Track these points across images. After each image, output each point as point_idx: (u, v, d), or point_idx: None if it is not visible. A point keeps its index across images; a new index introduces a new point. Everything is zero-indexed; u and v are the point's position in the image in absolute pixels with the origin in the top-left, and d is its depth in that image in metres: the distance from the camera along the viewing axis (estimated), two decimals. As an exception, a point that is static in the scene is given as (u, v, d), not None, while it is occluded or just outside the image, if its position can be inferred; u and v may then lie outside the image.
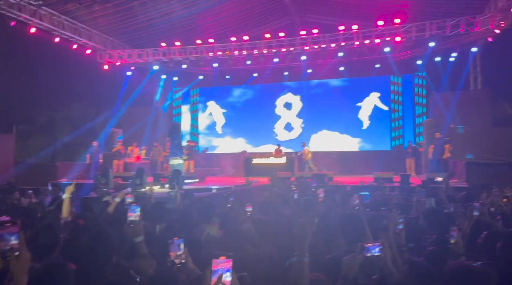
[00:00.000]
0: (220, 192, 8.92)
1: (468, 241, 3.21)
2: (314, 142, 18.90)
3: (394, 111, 18.47)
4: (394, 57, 16.79)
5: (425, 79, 17.97)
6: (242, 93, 20.39)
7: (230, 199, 3.87)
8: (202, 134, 20.77)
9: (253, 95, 20.29)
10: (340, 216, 3.13)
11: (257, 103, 20.21)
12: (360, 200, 3.49)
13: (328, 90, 19.32)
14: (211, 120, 20.84)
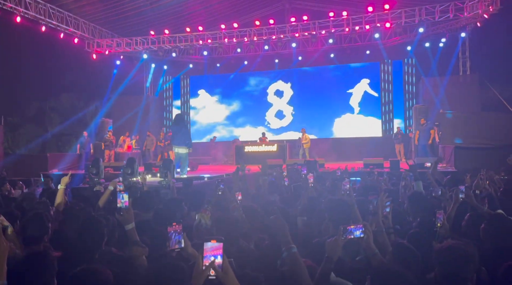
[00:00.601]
0: (211, 180, 8.95)
1: (452, 224, 3.29)
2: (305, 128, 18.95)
3: (384, 97, 18.58)
4: (384, 43, 16.81)
5: (414, 65, 18.06)
6: (232, 81, 20.28)
7: (220, 186, 3.91)
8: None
9: (244, 83, 20.21)
10: (327, 201, 3.18)
11: (247, 91, 20.16)
12: (350, 185, 3.54)
13: (318, 77, 19.31)
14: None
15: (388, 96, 18.56)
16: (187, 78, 21.06)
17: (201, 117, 20.68)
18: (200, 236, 3.08)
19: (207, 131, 20.18)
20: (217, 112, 20.59)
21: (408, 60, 18.15)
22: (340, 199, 3.29)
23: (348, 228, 2.24)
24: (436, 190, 4.40)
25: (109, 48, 17.41)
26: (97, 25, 16.88)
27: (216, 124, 20.44)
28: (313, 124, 18.95)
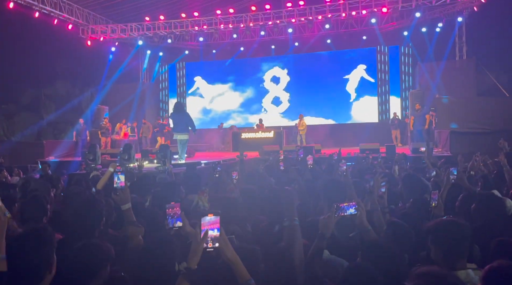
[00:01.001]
0: (208, 166, 8.98)
1: (445, 204, 3.34)
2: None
3: (381, 82, 18.57)
4: (381, 28, 16.72)
5: (411, 50, 18.02)
6: (228, 67, 20.18)
7: (218, 169, 3.94)
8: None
9: (240, 69, 20.10)
10: (323, 181, 3.22)
11: (244, 77, 20.08)
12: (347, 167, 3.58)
13: (315, 63, 19.24)
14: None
15: (385, 81, 18.55)
16: (183, 64, 20.93)
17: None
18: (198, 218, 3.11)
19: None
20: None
21: (405, 45, 18.09)
22: (336, 179, 3.33)
23: (341, 205, 2.28)
24: (431, 171, 4.46)
25: (103, 34, 17.24)
26: (91, 11, 16.70)
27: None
28: (310, 111, 18.95)
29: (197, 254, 1.72)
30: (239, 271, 1.73)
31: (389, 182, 3.31)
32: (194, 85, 20.82)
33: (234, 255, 1.74)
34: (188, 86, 20.93)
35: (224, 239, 1.74)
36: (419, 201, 3.24)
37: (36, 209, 2.73)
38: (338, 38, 17.71)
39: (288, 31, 16.95)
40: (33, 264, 1.72)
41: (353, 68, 18.77)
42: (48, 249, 1.76)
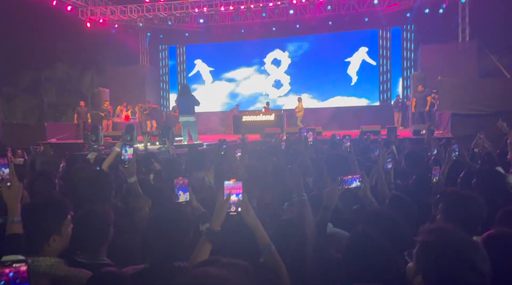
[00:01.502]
0: (210, 148, 9.01)
1: (447, 181, 3.38)
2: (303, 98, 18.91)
3: (383, 65, 18.45)
4: (383, 10, 16.53)
5: (413, 32, 17.86)
6: (230, 49, 20.02)
7: (223, 146, 3.97)
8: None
9: (241, 51, 19.93)
10: (327, 156, 3.25)
11: (245, 60, 19.95)
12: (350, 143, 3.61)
13: (316, 45, 19.10)
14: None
15: (387, 63, 18.43)
16: (183, 47, 20.77)
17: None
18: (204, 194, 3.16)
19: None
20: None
21: (407, 27, 17.92)
22: (339, 153, 3.36)
23: (345, 178, 2.31)
24: (432, 150, 4.49)
25: (103, 16, 17.07)
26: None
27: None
28: (311, 93, 18.91)
29: (220, 217, 1.77)
30: (260, 236, 1.77)
31: (394, 158, 3.34)
32: (194, 68, 20.69)
33: (254, 221, 1.78)
34: (188, 67, 20.80)
35: (245, 204, 1.78)
36: (422, 177, 3.28)
37: (45, 183, 2.78)
38: (339, 19, 17.50)
39: (289, 12, 16.76)
40: (40, 230, 1.80)
41: (355, 50, 18.63)
42: (58, 217, 1.83)
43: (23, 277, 0.93)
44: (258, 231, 1.77)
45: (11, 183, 1.81)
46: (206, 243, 1.77)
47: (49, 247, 1.81)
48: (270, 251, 1.75)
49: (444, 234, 1.37)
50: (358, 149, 5.35)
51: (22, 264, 0.94)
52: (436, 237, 1.36)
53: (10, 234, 1.74)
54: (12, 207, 1.80)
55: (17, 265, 0.93)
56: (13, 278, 0.92)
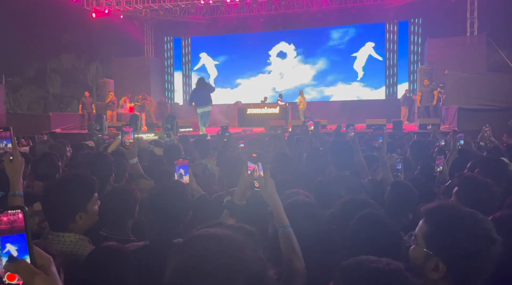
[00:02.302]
0: (214, 139, 8.99)
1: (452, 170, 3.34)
2: (308, 91, 18.84)
3: (389, 58, 18.30)
4: (390, 2, 16.35)
5: (421, 25, 17.67)
6: (235, 42, 19.92)
7: (226, 133, 3.95)
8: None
9: (247, 44, 19.82)
10: (331, 143, 3.21)
11: (251, 52, 19.85)
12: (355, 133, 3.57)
13: (323, 38, 18.97)
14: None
15: (393, 57, 18.27)
16: (188, 39, 20.69)
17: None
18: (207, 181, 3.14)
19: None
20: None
21: (415, 20, 17.72)
22: (343, 140, 3.33)
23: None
24: (440, 141, 4.45)
25: (108, 6, 17.02)
26: (96, -18, 16.45)
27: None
28: (317, 86, 18.81)
29: (242, 191, 1.76)
30: (277, 214, 1.67)
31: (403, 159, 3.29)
32: (199, 61, 20.61)
33: (271, 197, 1.68)
34: (193, 60, 20.74)
35: (265, 179, 1.70)
36: (427, 167, 3.24)
37: (48, 166, 2.78)
38: (346, 12, 17.35)
39: (295, 4, 16.63)
40: (66, 207, 1.80)
41: (361, 43, 18.48)
42: (84, 194, 1.82)
43: (20, 226, 0.85)
44: (276, 208, 1.68)
45: (13, 157, 1.81)
46: (228, 217, 1.73)
47: (75, 225, 1.80)
48: (286, 233, 1.63)
49: (454, 210, 1.33)
50: (363, 140, 5.31)
51: (17, 211, 0.86)
52: (448, 214, 1.31)
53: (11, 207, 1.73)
54: (14, 180, 1.81)
55: (12, 212, 0.86)
56: (8, 225, 0.84)
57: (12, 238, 0.84)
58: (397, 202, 2.41)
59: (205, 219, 1.71)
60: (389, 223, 1.57)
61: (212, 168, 3.34)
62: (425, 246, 1.30)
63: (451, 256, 1.25)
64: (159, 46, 20.51)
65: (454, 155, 3.49)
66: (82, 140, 10.83)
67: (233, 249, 0.89)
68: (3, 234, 0.84)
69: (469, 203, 1.94)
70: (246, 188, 1.75)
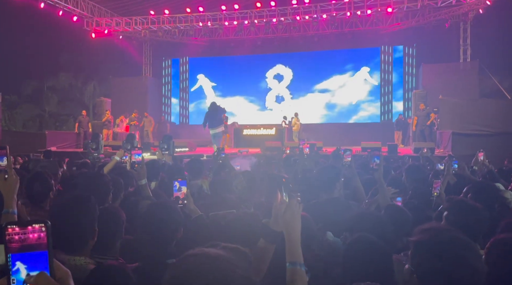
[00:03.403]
0: (210, 159, 9.00)
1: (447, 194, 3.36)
2: (304, 113, 18.97)
3: (384, 82, 18.56)
4: (385, 28, 16.72)
5: (415, 51, 18.02)
6: (233, 64, 20.17)
7: (221, 155, 3.97)
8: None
9: (244, 66, 20.07)
10: (319, 167, 3.25)
11: (248, 74, 20.07)
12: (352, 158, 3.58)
13: (319, 61, 19.24)
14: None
15: (388, 81, 18.54)
16: (186, 59, 20.93)
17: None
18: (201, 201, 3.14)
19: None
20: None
21: (409, 46, 18.09)
22: (331, 165, 3.37)
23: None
24: (437, 165, 4.50)
25: (108, 27, 17.26)
26: (97, 4, 16.72)
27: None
28: (313, 109, 18.97)
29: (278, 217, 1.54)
30: (291, 248, 1.45)
31: (404, 198, 3.30)
32: (197, 83, 20.80)
33: (290, 226, 1.48)
34: (191, 80, 20.93)
35: (287, 206, 1.53)
36: (421, 191, 3.27)
37: (41, 184, 2.77)
38: (342, 37, 17.69)
39: (292, 28, 16.95)
40: (79, 230, 1.77)
41: (356, 67, 18.77)
42: (92, 216, 1.80)
43: (42, 242, 0.83)
44: (291, 241, 1.45)
45: (8, 175, 1.81)
46: (268, 245, 1.54)
47: (86, 248, 1.79)
48: (296, 269, 1.40)
49: (437, 232, 1.36)
50: (359, 164, 5.34)
51: (40, 224, 0.84)
52: (429, 235, 1.34)
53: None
54: (8, 198, 1.81)
55: (36, 226, 0.83)
56: (29, 241, 0.83)
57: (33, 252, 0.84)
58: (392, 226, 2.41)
59: (202, 240, 1.70)
60: (382, 246, 1.58)
61: (207, 188, 3.35)
62: (409, 263, 1.35)
63: (427, 276, 1.28)
64: (157, 67, 20.72)
65: (448, 179, 3.52)
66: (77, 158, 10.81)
67: (223, 268, 0.91)
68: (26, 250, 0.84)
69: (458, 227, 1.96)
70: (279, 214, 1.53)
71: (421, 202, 3.10)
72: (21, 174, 3.47)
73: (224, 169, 3.72)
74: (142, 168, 2.71)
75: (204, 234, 2.06)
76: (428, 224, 1.48)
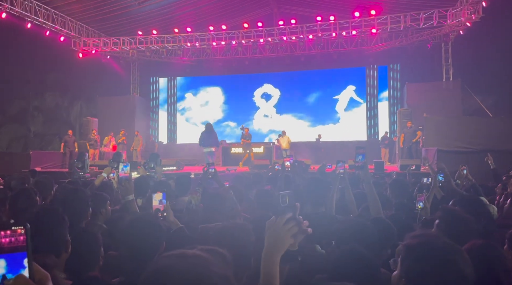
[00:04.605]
0: (197, 177, 8.96)
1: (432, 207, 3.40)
2: (292, 132, 19.07)
3: (370, 101, 18.87)
4: (370, 49, 17.10)
5: (399, 71, 18.43)
6: (220, 83, 20.34)
7: (210, 170, 3.96)
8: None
9: (232, 85, 20.26)
10: (308, 180, 3.27)
11: (235, 94, 20.23)
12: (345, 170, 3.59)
13: (305, 81, 19.52)
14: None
15: (374, 100, 18.86)
16: (174, 79, 21.03)
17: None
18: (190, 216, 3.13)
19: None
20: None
21: (394, 65, 18.50)
22: (318, 177, 3.39)
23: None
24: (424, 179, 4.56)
25: (95, 47, 17.29)
26: (84, 24, 16.79)
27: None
28: (299, 128, 19.11)
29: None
30: (266, 277, 1.27)
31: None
32: (184, 101, 20.88)
33: (269, 253, 1.28)
34: (179, 99, 20.99)
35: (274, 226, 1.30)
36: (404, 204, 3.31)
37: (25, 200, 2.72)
38: (328, 57, 18.02)
39: (279, 48, 17.22)
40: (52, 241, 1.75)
41: (342, 87, 19.08)
42: (61, 226, 1.78)
43: (20, 245, 0.84)
44: (265, 259, 1.26)
45: None
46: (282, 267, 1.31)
47: (61, 260, 1.76)
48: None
49: (428, 237, 1.37)
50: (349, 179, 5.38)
51: (19, 227, 0.84)
52: (420, 239, 1.35)
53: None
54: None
55: (15, 228, 0.83)
56: (7, 243, 0.83)
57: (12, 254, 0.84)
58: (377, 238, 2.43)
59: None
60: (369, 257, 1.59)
61: (196, 204, 3.34)
62: (399, 268, 1.36)
63: (415, 281, 1.30)
64: (145, 86, 20.75)
65: (434, 192, 3.57)
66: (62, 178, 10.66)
67: (197, 265, 0.89)
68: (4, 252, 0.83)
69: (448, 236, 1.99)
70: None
71: (406, 216, 3.13)
72: (3, 192, 3.43)
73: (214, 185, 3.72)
74: (129, 183, 2.70)
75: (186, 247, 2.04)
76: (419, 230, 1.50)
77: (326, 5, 16.62)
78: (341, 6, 16.09)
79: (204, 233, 2.05)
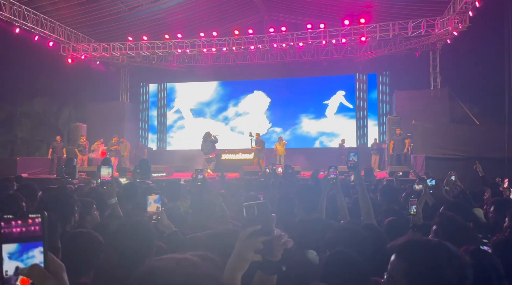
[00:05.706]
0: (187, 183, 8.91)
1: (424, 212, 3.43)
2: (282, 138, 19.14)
3: (359, 108, 19.03)
4: (359, 56, 17.29)
5: (388, 78, 18.63)
6: (210, 89, 20.35)
7: (199, 176, 3.94)
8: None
9: (222, 91, 20.29)
10: (298, 187, 3.27)
11: (225, 100, 20.25)
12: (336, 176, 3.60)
13: (295, 87, 19.63)
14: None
15: (363, 107, 19.03)
16: (164, 85, 20.98)
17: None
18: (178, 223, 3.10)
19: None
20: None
21: (382, 73, 18.71)
22: (308, 184, 3.40)
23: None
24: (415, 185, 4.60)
25: (85, 52, 17.18)
26: (74, 29, 16.68)
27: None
28: (289, 134, 19.17)
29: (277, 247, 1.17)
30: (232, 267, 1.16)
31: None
32: (174, 107, 20.83)
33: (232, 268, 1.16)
34: (169, 105, 20.93)
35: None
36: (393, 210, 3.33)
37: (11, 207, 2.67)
38: (318, 65, 18.16)
39: (270, 55, 17.31)
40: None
41: (332, 94, 19.22)
42: (54, 233, 1.75)
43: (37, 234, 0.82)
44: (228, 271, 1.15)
45: None
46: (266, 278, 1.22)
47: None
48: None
49: (426, 240, 1.37)
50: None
51: (36, 216, 0.83)
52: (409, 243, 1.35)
53: None
54: None
55: (32, 216, 0.82)
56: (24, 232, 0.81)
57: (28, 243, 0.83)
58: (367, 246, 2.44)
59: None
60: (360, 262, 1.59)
61: (185, 211, 3.31)
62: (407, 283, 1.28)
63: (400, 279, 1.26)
64: (135, 92, 20.66)
65: (425, 198, 3.60)
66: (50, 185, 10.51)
67: (186, 266, 0.90)
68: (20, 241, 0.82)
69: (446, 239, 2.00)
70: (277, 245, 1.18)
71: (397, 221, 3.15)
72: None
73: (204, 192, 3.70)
74: (112, 186, 2.62)
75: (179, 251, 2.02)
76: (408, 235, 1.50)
77: (316, 13, 16.78)
78: (331, 14, 16.26)
79: (193, 242, 2.04)
